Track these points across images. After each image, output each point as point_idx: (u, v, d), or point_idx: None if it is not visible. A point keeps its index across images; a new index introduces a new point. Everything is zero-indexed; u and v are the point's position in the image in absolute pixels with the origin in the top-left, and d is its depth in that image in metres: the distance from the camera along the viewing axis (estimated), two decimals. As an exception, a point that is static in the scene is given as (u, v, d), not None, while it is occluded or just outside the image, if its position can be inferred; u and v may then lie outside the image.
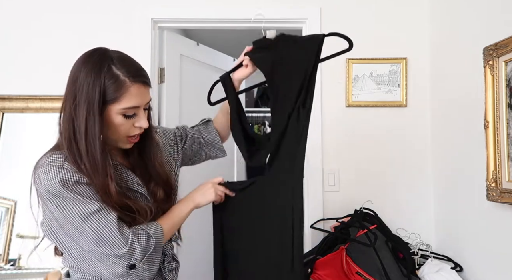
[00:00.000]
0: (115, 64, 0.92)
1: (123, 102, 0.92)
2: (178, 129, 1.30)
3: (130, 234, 0.91)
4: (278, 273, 1.04)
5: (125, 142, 1.00)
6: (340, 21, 1.95)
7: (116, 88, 0.91)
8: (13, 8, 1.91)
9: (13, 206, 1.78)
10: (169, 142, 1.22)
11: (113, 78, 0.91)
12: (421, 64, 1.93)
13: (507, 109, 1.27)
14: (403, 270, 1.46)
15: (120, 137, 0.98)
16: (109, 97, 0.91)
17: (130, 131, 0.98)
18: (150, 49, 1.93)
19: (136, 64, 0.98)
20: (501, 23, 1.34)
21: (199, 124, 1.35)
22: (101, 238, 0.88)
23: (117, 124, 0.94)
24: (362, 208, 1.70)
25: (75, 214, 0.88)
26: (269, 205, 1.07)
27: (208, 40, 2.64)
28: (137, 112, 0.96)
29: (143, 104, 0.97)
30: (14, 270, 1.73)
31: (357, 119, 1.93)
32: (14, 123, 1.86)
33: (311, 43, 1.04)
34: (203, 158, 1.35)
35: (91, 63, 0.91)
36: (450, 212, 1.72)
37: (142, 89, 0.95)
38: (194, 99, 2.28)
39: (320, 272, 1.44)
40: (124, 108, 0.93)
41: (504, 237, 1.33)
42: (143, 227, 0.95)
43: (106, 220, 0.89)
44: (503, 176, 1.28)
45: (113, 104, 0.92)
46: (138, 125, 0.97)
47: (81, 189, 0.89)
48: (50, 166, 0.88)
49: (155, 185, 1.05)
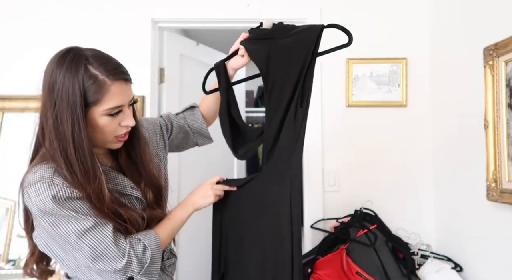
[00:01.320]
0: (91, 64, 0.87)
1: (106, 103, 0.88)
2: (162, 118, 1.26)
3: (127, 246, 0.89)
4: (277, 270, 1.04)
5: (113, 142, 0.97)
6: (340, 21, 1.91)
7: (96, 89, 0.86)
8: (13, 8, 1.91)
9: (13, 206, 1.78)
10: (155, 134, 1.18)
11: (92, 78, 0.86)
12: (421, 64, 1.93)
13: (507, 109, 1.27)
14: (403, 270, 1.47)
15: (108, 138, 0.94)
16: (90, 99, 0.87)
17: (117, 131, 0.94)
18: (150, 49, 1.93)
19: (113, 60, 0.93)
20: (501, 23, 1.34)
21: (184, 110, 1.31)
22: (98, 254, 0.87)
23: (102, 126, 0.91)
24: (362, 208, 1.71)
25: (71, 232, 0.85)
26: (267, 201, 1.06)
27: (208, 40, 2.64)
28: (121, 110, 0.93)
29: (126, 102, 0.93)
30: (14, 270, 1.73)
31: (357, 119, 1.93)
32: (14, 123, 1.86)
33: (310, 34, 1.01)
34: (190, 145, 1.32)
35: (66, 65, 0.86)
36: (450, 212, 1.72)
37: (124, 86, 0.91)
38: (194, 99, 2.26)
39: (320, 272, 1.44)
40: (108, 109, 0.89)
41: (504, 237, 1.33)
42: (140, 236, 0.93)
43: (102, 235, 0.87)
44: (503, 176, 1.28)
45: (95, 106, 0.88)
46: (125, 124, 0.94)
47: (74, 205, 0.86)
48: (40, 183, 0.84)
49: (145, 185, 1.02)
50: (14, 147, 1.83)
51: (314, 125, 1.91)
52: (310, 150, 1.93)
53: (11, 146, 1.83)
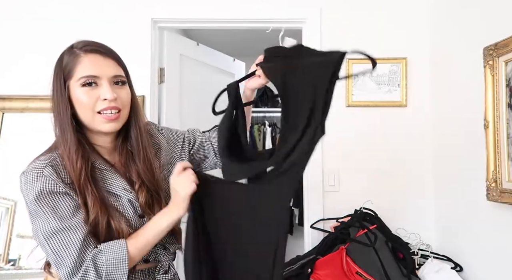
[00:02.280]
0: (74, 45, 0.96)
1: (78, 72, 0.92)
2: (188, 132, 1.23)
3: (88, 259, 0.85)
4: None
5: (100, 121, 0.94)
6: (340, 21, 1.95)
7: (71, 61, 0.93)
8: (13, 8, 1.91)
9: (13, 206, 1.78)
10: (176, 145, 1.16)
11: (69, 54, 0.94)
12: (421, 64, 1.93)
13: (507, 109, 1.27)
14: (403, 270, 1.46)
15: (90, 114, 0.93)
16: (66, 72, 0.92)
17: (97, 105, 0.92)
18: (150, 49, 1.94)
19: (97, 42, 0.98)
20: (501, 23, 1.34)
21: (211, 130, 1.27)
22: (58, 261, 0.85)
23: (80, 98, 0.92)
24: (362, 208, 1.70)
25: (39, 232, 0.86)
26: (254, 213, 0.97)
27: (208, 40, 2.64)
28: (98, 83, 0.93)
29: (102, 75, 0.93)
30: (14, 270, 1.73)
31: (357, 119, 1.93)
32: (14, 123, 1.86)
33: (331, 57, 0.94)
34: (209, 166, 1.25)
35: (60, 54, 0.97)
36: (450, 212, 1.72)
37: (99, 58, 0.94)
38: (194, 99, 2.28)
39: (320, 272, 1.44)
40: (80, 77, 0.91)
41: (504, 237, 1.33)
42: (104, 247, 0.87)
43: (69, 241, 0.85)
44: (503, 176, 1.28)
45: (71, 79, 0.92)
46: (103, 96, 0.92)
47: (54, 200, 0.87)
48: (31, 173, 0.88)
49: (141, 186, 0.98)
50: (14, 147, 1.83)
51: (314, 125, 1.91)
52: (310, 150, 1.92)
53: (11, 146, 1.83)
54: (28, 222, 0.91)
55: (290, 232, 3.33)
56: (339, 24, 1.95)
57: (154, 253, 1.01)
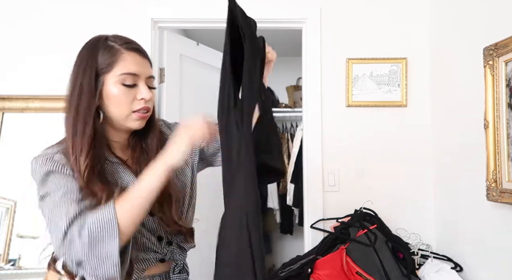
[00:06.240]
0: (109, 39, 0.94)
1: (119, 67, 0.91)
2: None
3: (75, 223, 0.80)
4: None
5: (133, 119, 0.95)
6: (340, 21, 1.95)
7: (110, 55, 0.91)
8: (13, 8, 1.91)
9: (13, 206, 1.78)
10: None
11: (108, 48, 0.92)
12: (421, 64, 1.93)
13: (507, 109, 1.27)
14: (403, 270, 1.46)
15: (125, 111, 0.93)
16: (103, 65, 0.90)
17: (134, 105, 0.93)
18: (150, 49, 1.93)
19: (133, 40, 0.99)
20: (501, 23, 1.34)
21: None
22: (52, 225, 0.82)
23: (117, 95, 0.91)
24: (362, 208, 1.71)
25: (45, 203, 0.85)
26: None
27: (208, 40, 2.64)
28: (137, 83, 0.93)
29: (142, 74, 0.94)
30: (14, 270, 1.73)
31: (357, 119, 1.93)
32: (14, 123, 1.86)
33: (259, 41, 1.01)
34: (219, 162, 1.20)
35: (88, 43, 0.96)
36: (450, 212, 1.72)
37: (139, 58, 0.94)
38: (194, 99, 2.28)
39: (320, 272, 1.44)
40: (121, 74, 0.90)
41: (504, 237, 1.33)
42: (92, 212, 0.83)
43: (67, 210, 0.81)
44: (503, 176, 1.28)
45: (109, 73, 0.90)
46: (140, 96, 0.93)
47: (61, 179, 0.86)
48: (41, 158, 0.89)
49: None
50: (14, 147, 1.83)
51: (314, 125, 1.91)
52: (310, 150, 1.93)
53: (11, 146, 1.83)
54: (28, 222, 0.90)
55: (290, 232, 3.33)
56: (339, 24, 1.95)
57: (170, 252, 1.02)
